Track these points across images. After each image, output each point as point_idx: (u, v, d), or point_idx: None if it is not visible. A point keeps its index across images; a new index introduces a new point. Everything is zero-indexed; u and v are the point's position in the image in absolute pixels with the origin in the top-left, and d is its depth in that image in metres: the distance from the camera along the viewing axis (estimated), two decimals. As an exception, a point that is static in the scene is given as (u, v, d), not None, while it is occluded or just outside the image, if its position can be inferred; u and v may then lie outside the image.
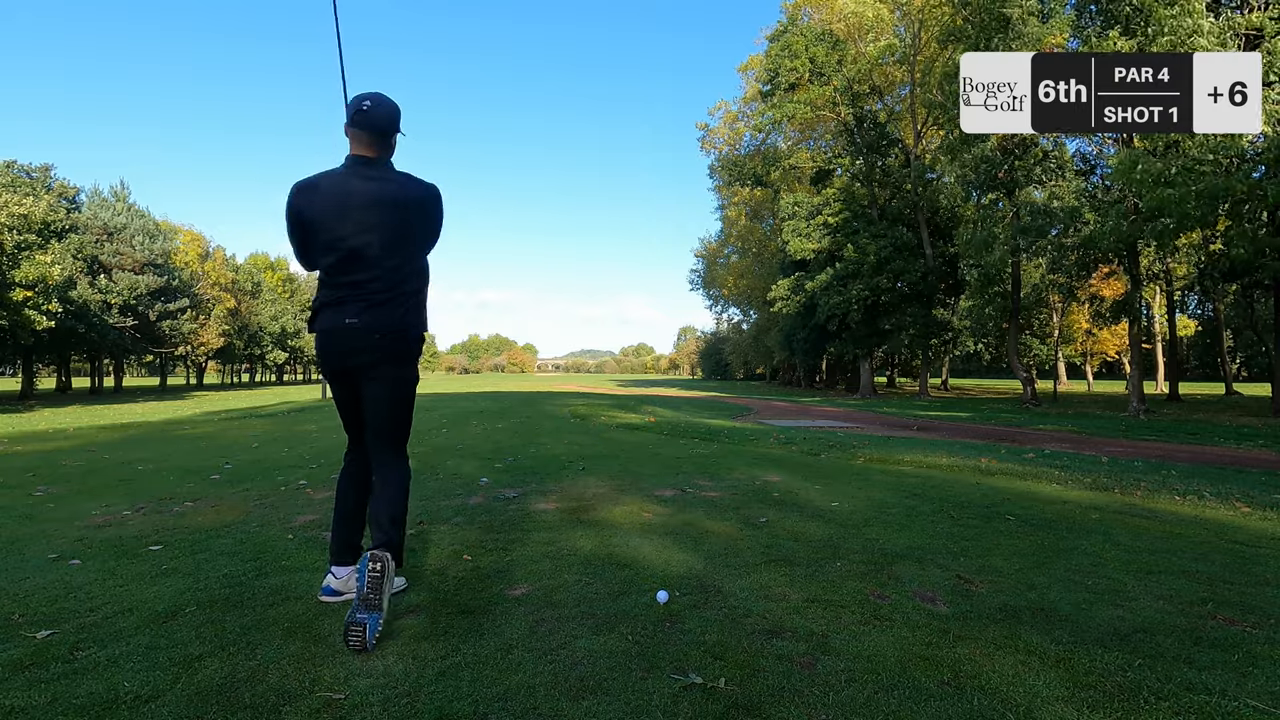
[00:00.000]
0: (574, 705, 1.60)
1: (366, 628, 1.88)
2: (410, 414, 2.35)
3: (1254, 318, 25.67)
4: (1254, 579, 2.61)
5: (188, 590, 2.39)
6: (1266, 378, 28.31)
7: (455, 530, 3.31)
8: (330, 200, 2.15)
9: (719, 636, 2.00)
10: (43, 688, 1.68)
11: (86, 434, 9.62)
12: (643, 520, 3.54)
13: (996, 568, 2.71)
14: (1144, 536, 3.28)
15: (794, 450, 6.94)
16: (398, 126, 2.25)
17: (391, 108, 2.23)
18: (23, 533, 3.31)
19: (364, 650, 1.88)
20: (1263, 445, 9.95)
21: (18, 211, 21.05)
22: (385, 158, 2.25)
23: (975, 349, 44.71)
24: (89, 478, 5.16)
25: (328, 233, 2.15)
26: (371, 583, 1.94)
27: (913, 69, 26.74)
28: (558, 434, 8.65)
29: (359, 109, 2.19)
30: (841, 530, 3.32)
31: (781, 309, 31.54)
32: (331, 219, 2.14)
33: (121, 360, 37.01)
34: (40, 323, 21.81)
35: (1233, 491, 4.64)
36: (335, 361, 2.22)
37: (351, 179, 2.17)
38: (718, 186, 43.99)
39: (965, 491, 4.46)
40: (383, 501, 2.20)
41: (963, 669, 1.79)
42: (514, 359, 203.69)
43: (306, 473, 5.19)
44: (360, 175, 2.18)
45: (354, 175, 2.18)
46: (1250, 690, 1.69)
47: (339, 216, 2.14)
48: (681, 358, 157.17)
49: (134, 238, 31.46)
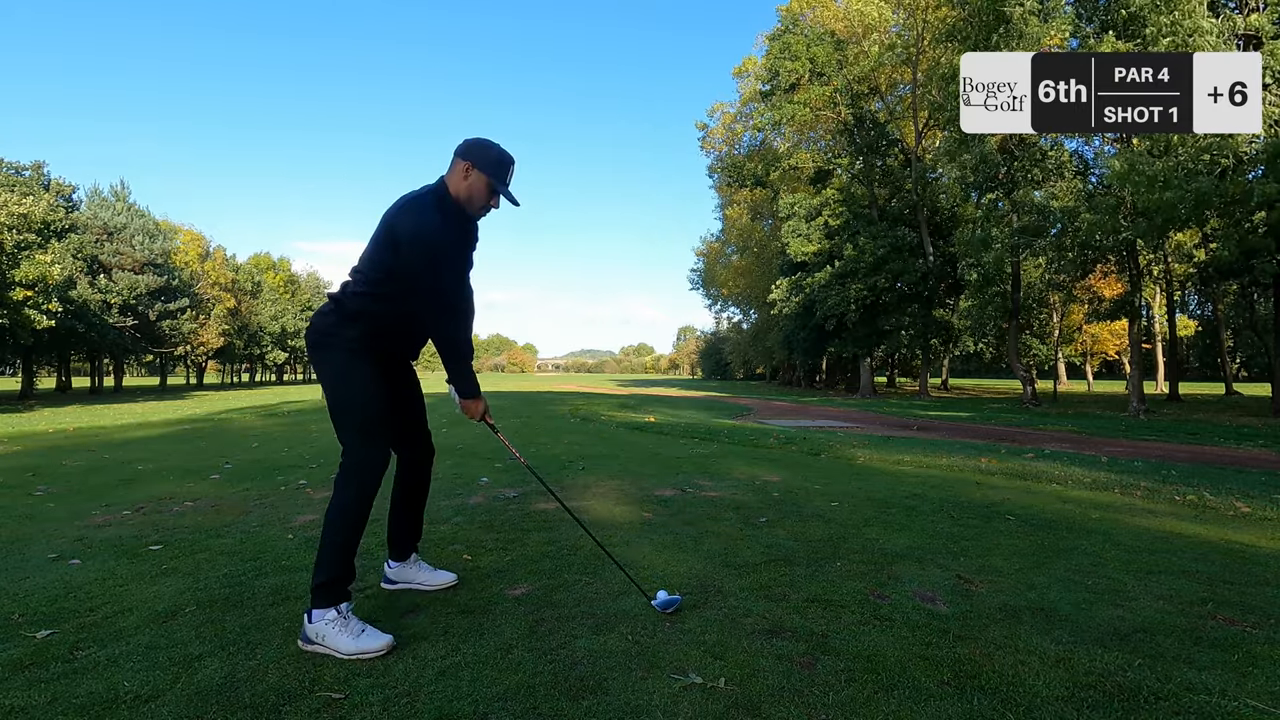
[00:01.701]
0: (574, 705, 1.60)
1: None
2: (337, 421, 2.13)
3: (1254, 318, 25.68)
4: (1254, 579, 2.61)
5: (188, 590, 2.39)
6: (1266, 378, 28.29)
7: (455, 530, 3.31)
8: None
9: (719, 636, 2.00)
10: (43, 687, 1.68)
11: (87, 434, 9.62)
12: (643, 520, 3.54)
13: (996, 568, 2.71)
14: (1144, 536, 3.28)
15: (794, 450, 6.94)
16: (456, 153, 2.18)
17: (463, 144, 2.19)
18: (23, 533, 3.31)
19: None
20: (1263, 445, 9.94)
21: (17, 211, 21.05)
22: (445, 175, 2.21)
23: (975, 349, 44.70)
24: (89, 478, 5.16)
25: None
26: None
27: (914, 69, 26.72)
28: (557, 434, 8.65)
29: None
30: (841, 530, 3.32)
31: (781, 309, 31.54)
32: None
33: (121, 360, 36.98)
34: (40, 322, 21.80)
35: (1233, 491, 4.64)
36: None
37: None
38: (717, 186, 44.02)
39: (965, 491, 4.46)
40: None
41: (963, 669, 1.79)
42: (514, 359, 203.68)
43: (306, 473, 5.19)
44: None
45: None
46: (1250, 690, 1.69)
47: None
48: (681, 357, 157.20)
49: (134, 237, 31.45)
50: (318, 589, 1.96)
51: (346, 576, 2.02)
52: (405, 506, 2.44)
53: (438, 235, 2.07)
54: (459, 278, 2.26)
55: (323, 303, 2.23)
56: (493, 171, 2.14)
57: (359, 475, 2.05)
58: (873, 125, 28.24)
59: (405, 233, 2.05)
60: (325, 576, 1.97)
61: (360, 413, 2.09)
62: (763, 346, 47.94)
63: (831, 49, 26.88)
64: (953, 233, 26.12)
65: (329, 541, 2.00)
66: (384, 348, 2.21)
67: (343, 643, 1.87)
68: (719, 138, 40.89)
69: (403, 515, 2.44)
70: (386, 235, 2.09)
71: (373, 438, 2.10)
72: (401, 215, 2.09)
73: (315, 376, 2.20)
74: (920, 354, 31.43)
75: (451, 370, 2.21)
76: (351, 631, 1.89)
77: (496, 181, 2.15)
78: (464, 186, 2.15)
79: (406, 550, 2.45)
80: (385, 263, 2.09)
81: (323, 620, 1.91)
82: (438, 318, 2.15)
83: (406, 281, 2.07)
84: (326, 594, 1.95)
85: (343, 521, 2.02)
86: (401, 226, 2.06)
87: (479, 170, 2.13)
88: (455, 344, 2.20)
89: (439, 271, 2.09)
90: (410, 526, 2.45)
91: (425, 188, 2.18)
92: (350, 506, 2.03)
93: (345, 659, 1.85)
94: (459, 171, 2.15)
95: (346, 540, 2.02)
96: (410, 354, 2.38)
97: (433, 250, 2.05)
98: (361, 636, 1.89)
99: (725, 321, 67.85)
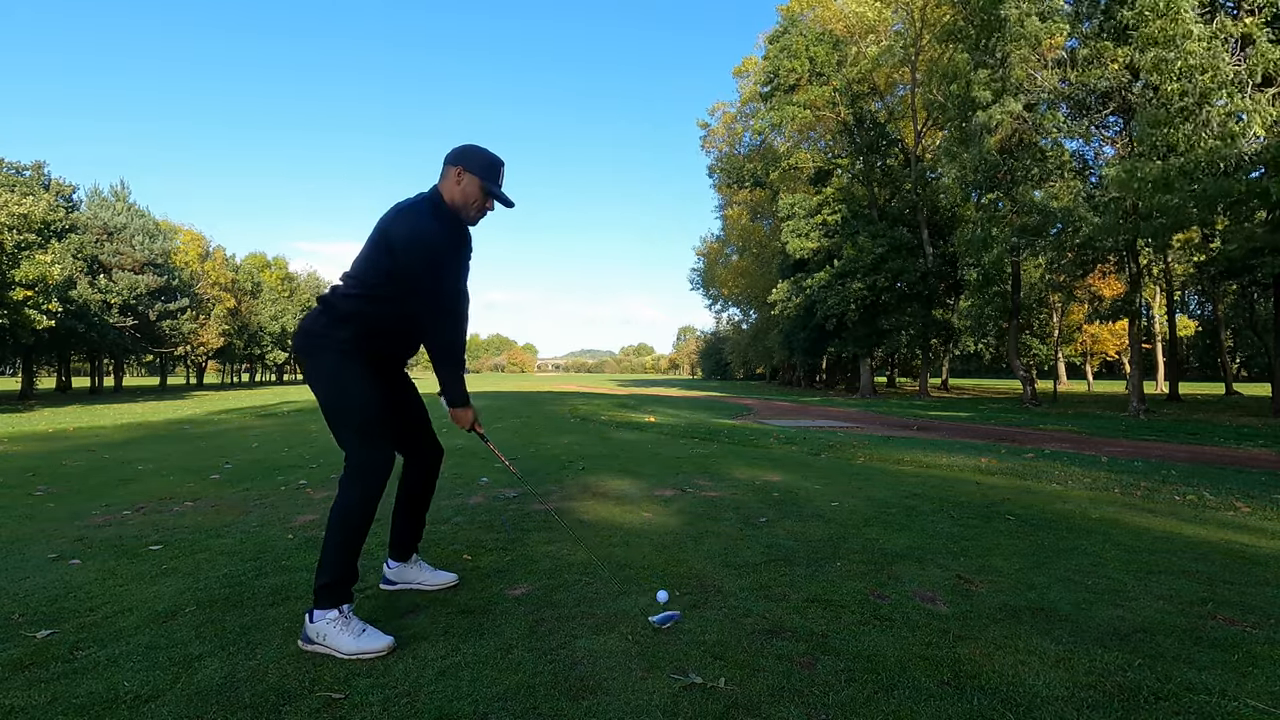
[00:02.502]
0: (574, 705, 1.60)
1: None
2: (334, 427, 2.11)
3: (1254, 318, 25.68)
4: (1254, 579, 2.61)
5: (188, 590, 2.39)
6: (1266, 378, 28.32)
7: (455, 530, 3.31)
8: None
9: (719, 636, 2.00)
10: (43, 687, 1.67)
11: (87, 434, 9.62)
12: (643, 520, 3.54)
13: (996, 568, 2.71)
14: (1144, 536, 3.28)
15: (794, 450, 6.94)
16: (447, 160, 2.21)
17: (454, 150, 2.22)
18: (23, 532, 3.32)
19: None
20: (1263, 445, 9.94)
21: (18, 211, 21.05)
22: (435, 185, 2.23)
23: (975, 349, 44.72)
24: (89, 478, 5.16)
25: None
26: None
27: (913, 69, 26.73)
28: (558, 434, 8.65)
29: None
30: (841, 530, 3.32)
31: (781, 311, 31.54)
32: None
33: (121, 360, 36.97)
34: (40, 322, 21.79)
35: (1233, 491, 4.64)
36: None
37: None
38: (718, 186, 44.01)
39: (965, 491, 4.46)
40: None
41: (963, 669, 1.79)
42: (514, 359, 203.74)
43: (306, 473, 5.19)
44: None
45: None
46: (1250, 690, 1.69)
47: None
48: (681, 357, 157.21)
49: (134, 237, 31.44)
50: (321, 590, 1.96)
51: (350, 578, 2.01)
52: (409, 508, 2.44)
53: (436, 238, 2.08)
54: (456, 282, 2.27)
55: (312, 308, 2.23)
56: (484, 174, 2.15)
57: (362, 478, 2.02)
58: (872, 125, 28.24)
59: (402, 237, 2.05)
60: (328, 578, 1.97)
61: (358, 414, 2.07)
62: (763, 346, 47.93)
63: (830, 48, 26.89)
64: (952, 232, 26.12)
65: (332, 543, 1.99)
66: (377, 349, 2.20)
67: (344, 642, 1.87)
68: (720, 137, 40.91)
69: (407, 516, 2.43)
70: (381, 239, 2.09)
71: (372, 438, 2.08)
72: (398, 221, 2.08)
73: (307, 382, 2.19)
74: (920, 354, 31.44)
75: (443, 375, 2.21)
76: (353, 631, 1.89)
77: (489, 183, 2.16)
78: (458, 191, 2.16)
79: (408, 551, 2.45)
80: (383, 265, 2.09)
81: (324, 620, 1.91)
82: (437, 320, 2.15)
83: (407, 284, 2.06)
84: (329, 595, 1.95)
85: (346, 524, 2.00)
86: (398, 232, 2.06)
87: (471, 174, 2.15)
88: (451, 348, 2.20)
89: (438, 274, 2.09)
90: (413, 528, 2.45)
91: (419, 195, 2.19)
92: (354, 509, 2.01)
93: (345, 659, 1.85)
94: (451, 178, 2.16)
95: (349, 542, 2.01)
96: (404, 356, 2.37)
97: (431, 252, 2.06)
98: (362, 636, 1.89)
99: (725, 321, 67.89)
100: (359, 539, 2.04)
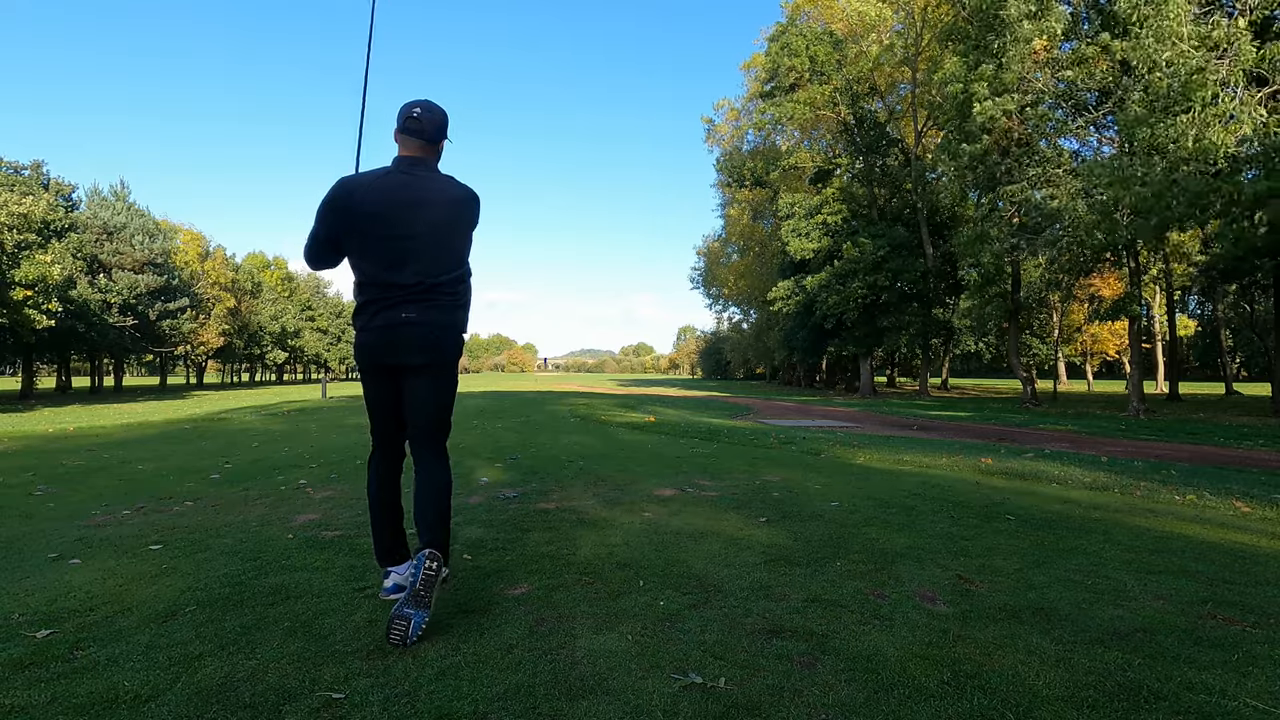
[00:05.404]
0: (574, 705, 1.60)
1: (411, 623, 1.92)
2: (451, 412, 2.34)
3: (1254, 318, 25.68)
4: (1254, 579, 2.61)
5: (188, 590, 2.39)
6: (1266, 378, 28.31)
7: (455, 529, 3.30)
8: (384, 197, 2.13)
9: (719, 636, 2.00)
10: (43, 687, 1.67)
11: (87, 434, 9.62)
12: (643, 520, 3.54)
13: (996, 567, 2.71)
14: (1144, 536, 3.28)
15: (794, 450, 6.94)
16: (445, 134, 2.27)
17: (440, 116, 2.25)
18: (23, 532, 3.32)
19: (402, 645, 1.90)
20: (1263, 445, 9.94)
21: (18, 211, 21.05)
22: (433, 162, 2.26)
23: (975, 349, 44.72)
24: (89, 478, 5.16)
25: (383, 228, 2.13)
26: (426, 581, 1.98)
27: (914, 69, 26.72)
28: (557, 433, 8.65)
29: (409, 116, 2.21)
30: (841, 530, 3.32)
31: (781, 309, 31.54)
32: (385, 215, 2.13)
33: (121, 360, 36.98)
34: (40, 322, 21.81)
35: (1233, 491, 4.64)
36: (387, 357, 2.19)
37: (405, 177, 2.18)
38: (720, 184, 44.00)
39: (965, 491, 4.46)
40: (429, 501, 2.18)
41: (963, 669, 1.79)
42: (514, 359, 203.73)
43: (306, 472, 5.19)
44: (413, 175, 2.19)
45: (407, 175, 2.19)
46: (1250, 690, 1.69)
47: (393, 213, 2.13)
48: (681, 357, 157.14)
49: (134, 237, 31.45)
50: (446, 546, 2.17)
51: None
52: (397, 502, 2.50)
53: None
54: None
55: (454, 299, 2.26)
56: (399, 125, 2.25)
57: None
58: (872, 125, 28.25)
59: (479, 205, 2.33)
60: (447, 535, 2.19)
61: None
62: (763, 346, 47.93)
63: (831, 48, 26.88)
64: (952, 232, 26.12)
65: (447, 511, 2.20)
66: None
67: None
68: (724, 133, 40.89)
69: (397, 512, 2.46)
70: (470, 220, 2.29)
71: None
72: (476, 199, 2.32)
73: (443, 379, 2.28)
74: (920, 354, 31.43)
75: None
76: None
77: (399, 129, 2.25)
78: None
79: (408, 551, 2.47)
80: (470, 241, 2.32)
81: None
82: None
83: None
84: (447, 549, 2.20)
85: (450, 494, 2.25)
86: (478, 206, 2.32)
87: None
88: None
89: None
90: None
91: (447, 175, 2.34)
92: (451, 480, 2.30)
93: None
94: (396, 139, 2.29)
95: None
96: None
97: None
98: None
99: (726, 321, 67.86)
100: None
